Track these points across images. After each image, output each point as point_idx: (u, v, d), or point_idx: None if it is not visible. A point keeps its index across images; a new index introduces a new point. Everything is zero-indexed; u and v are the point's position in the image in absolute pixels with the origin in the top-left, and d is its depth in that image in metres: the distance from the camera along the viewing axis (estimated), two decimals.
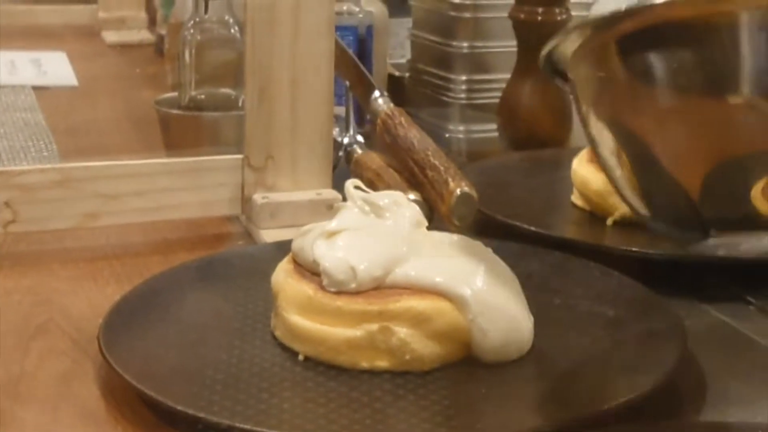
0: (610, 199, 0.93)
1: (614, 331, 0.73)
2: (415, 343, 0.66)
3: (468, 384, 0.66)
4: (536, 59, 1.11)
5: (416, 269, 0.69)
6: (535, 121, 1.12)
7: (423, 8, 1.27)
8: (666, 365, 0.66)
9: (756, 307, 0.83)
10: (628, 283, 0.79)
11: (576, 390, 0.65)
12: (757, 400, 0.69)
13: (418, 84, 1.28)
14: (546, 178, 1.05)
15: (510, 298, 0.69)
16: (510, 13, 1.12)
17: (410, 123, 0.95)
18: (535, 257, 0.83)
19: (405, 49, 1.33)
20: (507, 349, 0.68)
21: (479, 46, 1.21)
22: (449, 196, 0.86)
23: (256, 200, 0.91)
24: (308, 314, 0.68)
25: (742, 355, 0.75)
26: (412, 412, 0.62)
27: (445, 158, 0.90)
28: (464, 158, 1.15)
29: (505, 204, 0.96)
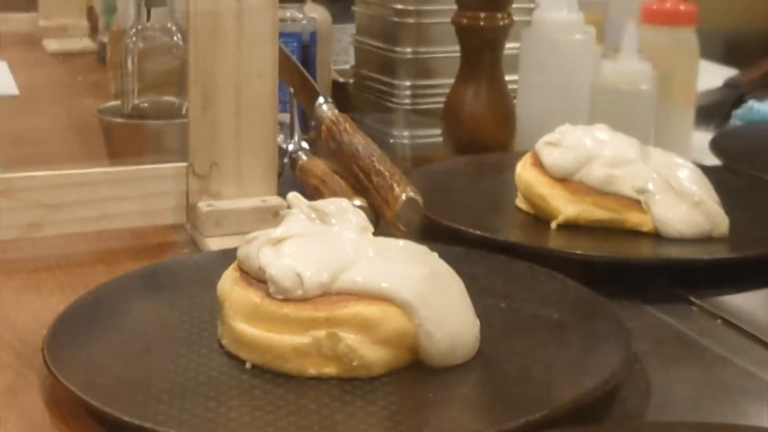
0: (553, 203, 0.94)
1: (559, 333, 0.73)
2: (363, 349, 0.66)
3: (415, 388, 0.67)
4: (479, 64, 1.12)
5: (363, 275, 0.69)
6: (479, 125, 1.13)
7: (366, 14, 1.27)
8: (610, 366, 0.66)
9: (698, 307, 0.84)
10: (573, 285, 0.79)
11: (522, 393, 0.66)
12: (699, 400, 0.70)
13: (362, 90, 1.28)
14: (490, 182, 1.05)
15: (456, 302, 0.70)
16: (452, 18, 1.12)
17: (355, 129, 0.95)
18: (481, 261, 0.83)
19: (349, 55, 1.33)
20: (453, 353, 0.68)
21: (423, 51, 1.21)
22: (395, 202, 0.86)
23: (201, 208, 0.90)
24: (255, 322, 0.68)
25: (685, 355, 0.76)
26: (360, 417, 0.62)
27: (390, 164, 0.90)
28: (409, 163, 1.15)
29: (450, 208, 0.96)
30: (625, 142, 0.96)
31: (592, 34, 1.19)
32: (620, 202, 0.93)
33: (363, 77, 1.28)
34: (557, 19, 1.16)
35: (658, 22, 1.19)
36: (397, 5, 1.21)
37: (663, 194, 0.92)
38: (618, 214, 0.93)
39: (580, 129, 0.99)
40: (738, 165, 1.12)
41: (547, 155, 0.97)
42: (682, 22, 1.20)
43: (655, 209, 0.92)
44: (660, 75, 1.15)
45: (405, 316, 0.67)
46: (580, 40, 1.17)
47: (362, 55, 1.29)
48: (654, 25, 1.19)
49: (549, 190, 0.95)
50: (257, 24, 0.90)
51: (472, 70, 1.13)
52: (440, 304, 0.68)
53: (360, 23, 1.29)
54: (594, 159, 0.95)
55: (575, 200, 0.94)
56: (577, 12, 1.17)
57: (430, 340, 0.67)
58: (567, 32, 1.16)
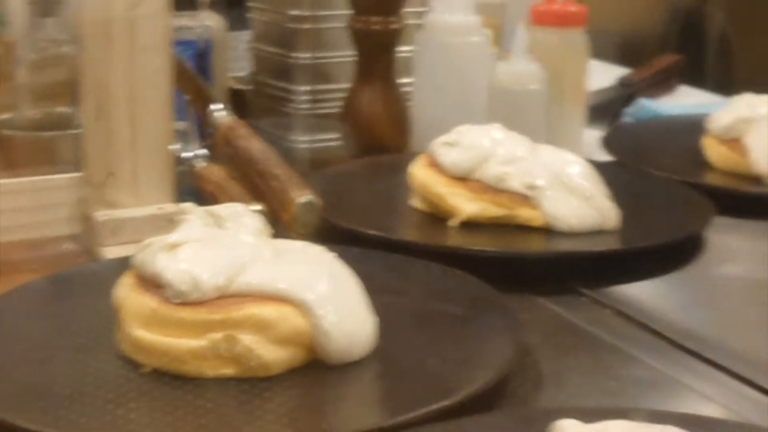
0: (451, 201, 0.96)
1: (454, 327, 0.75)
2: (260, 350, 0.67)
3: (314, 386, 0.68)
4: (374, 67, 1.14)
5: (259, 277, 0.70)
6: (376, 128, 1.14)
7: (262, 21, 1.28)
8: (503, 358, 0.68)
9: (588, 298, 0.86)
10: (468, 281, 0.81)
11: (418, 386, 0.67)
12: (590, 387, 0.72)
13: (260, 96, 1.28)
14: (387, 183, 1.07)
15: (352, 300, 0.71)
16: (348, 23, 1.14)
17: (251, 134, 0.96)
18: (378, 260, 0.85)
19: (246, 61, 1.34)
20: (350, 350, 0.69)
21: (319, 56, 1.22)
22: (292, 205, 0.87)
23: (97, 218, 0.90)
24: (152, 327, 0.68)
25: (576, 345, 0.78)
26: (258, 415, 0.63)
27: (287, 168, 0.91)
28: (308, 167, 1.16)
29: (348, 210, 0.98)
30: (516, 141, 0.99)
31: (489, 36, 1.22)
32: (513, 199, 0.95)
33: (260, 84, 1.29)
34: (452, 22, 1.18)
35: (548, 23, 1.22)
36: (292, 11, 1.22)
37: (554, 190, 0.95)
38: (511, 211, 0.95)
39: (477, 129, 1.01)
40: (628, 160, 1.15)
41: (444, 155, 0.98)
42: (572, 24, 1.23)
43: (546, 205, 0.94)
44: (551, 75, 1.18)
45: (301, 316, 0.68)
46: (475, 42, 1.19)
47: (259, 62, 1.29)
48: (543, 26, 1.22)
49: (447, 189, 0.97)
50: (150, 32, 0.91)
51: (367, 74, 1.14)
52: (336, 302, 0.69)
53: (256, 30, 1.30)
54: (490, 158, 0.97)
55: (474, 198, 0.96)
56: (473, 15, 1.19)
57: (326, 338, 0.68)
58: (462, 35, 1.18)
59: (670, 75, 1.61)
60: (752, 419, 0.67)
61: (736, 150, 1.13)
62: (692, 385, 0.72)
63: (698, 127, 1.18)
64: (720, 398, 0.70)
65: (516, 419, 0.63)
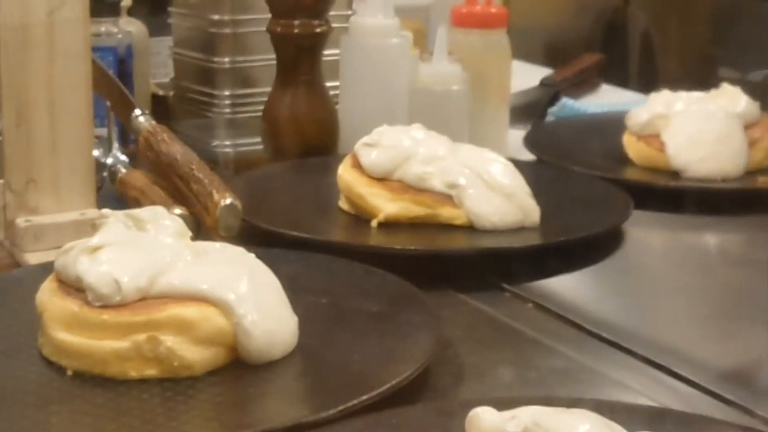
0: (372, 202, 0.97)
1: (377, 324, 0.76)
2: (183, 350, 0.68)
3: (237, 384, 0.68)
4: (296, 71, 1.14)
5: (180, 278, 0.70)
6: (300, 130, 1.14)
7: (183, 26, 1.28)
8: (423, 352, 0.69)
9: (510, 293, 0.87)
10: (391, 279, 0.82)
11: (340, 382, 0.68)
12: (511, 379, 0.74)
13: (182, 101, 1.28)
14: (314, 185, 1.07)
15: (273, 300, 0.72)
16: (267, 27, 1.14)
17: (173, 139, 0.96)
18: (301, 261, 0.85)
19: (168, 67, 1.34)
20: (272, 349, 0.70)
21: (241, 60, 1.23)
22: (214, 208, 0.87)
23: (19, 224, 0.90)
24: (74, 330, 0.69)
25: (497, 339, 0.80)
26: (181, 411, 0.64)
27: (209, 171, 0.92)
28: (231, 171, 1.16)
29: (271, 212, 0.98)
30: (437, 140, 1.00)
31: (409, 38, 1.23)
32: (434, 198, 0.96)
33: (183, 89, 1.29)
34: (373, 25, 1.19)
35: (469, 25, 1.23)
36: (213, 16, 1.22)
37: (475, 188, 0.96)
38: (433, 210, 0.96)
39: (397, 129, 1.02)
40: (550, 158, 1.17)
41: (365, 156, 0.99)
42: (493, 25, 1.24)
43: (468, 203, 0.95)
44: (473, 76, 1.19)
45: (223, 316, 0.69)
46: (396, 44, 1.20)
47: (181, 67, 1.29)
48: (465, 28, 1.23)
49: (368, 189, 0.98)
50: (69, 38, 0.90)
51: (289, 78, 1.14)
52: (257, 302, 0.70)
53: (177, 35, 1.30)
54: (411, 158, 0.98)
55: (394, 198, 0.97)
56: (393, 17, 1.20)
57: (248, 337, 0.69)
58: (383, 37, 1.19)
59: (592, 74, 1.64)
60: (667, 404, 0.69)
61: (654, 146, 1.15)
62: (609, 373, 0.74)
63: (619, 125, 1.20)
64: (636, 385, 0.72)
65: (436, 411, 0.64)
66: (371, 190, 0.98)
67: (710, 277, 0.95)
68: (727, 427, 0.63)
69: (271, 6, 1.14)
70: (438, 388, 0.71)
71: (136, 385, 0.67)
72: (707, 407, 0.69)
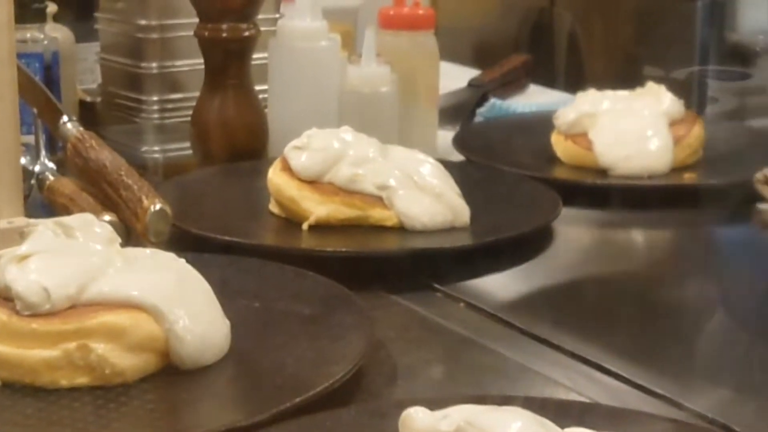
0: (303, 205, 0.97)
1: (309, 327, 0.76)
2: (114, 357, 0.68)
3: (170, 390, 0.68)
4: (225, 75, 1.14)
5: (110, 284, 0.70)
6: (229, 135, 1.14)
7: (110, 32, 1.27)
8: (355, 353, 0.70)
9: (442, 293, 0.88)
10: (323, 281, 0.82)
11: (273, 385, 0.68)
12: (443, 378, 0.74)
13: (110, 107, 1.28)
14: (244, 189, 1.07)
15: (204, 305, 0.72)
16: (195, 31, 1.14)
17: (102, 145, 0.96)
18: (232, 265, 0.85)
19: (95, 73, 1.33)
20: (204, 354, 0.70)
21: (168, 65, 1.22)
22: (144, 214, 0.87)
23: None
24: (3, 340, 0.68)
25: (429, 339, 0.80)
26: (113, 418, 0.64)
27: (139, 177, 0.91)
28: (161, 177, 1.16)
29: (201, 217, 0.98)
30: (366, 142, 1.00)
31: (338, 40, 1.23)
32: (365, 200, 0.97)
33: (111, 95, 1.28)
34: (301, 28, 1.19)
35: (397, 27, 1.24)
36: (140, 21, 1.22)
37: (405, 189, 0.96)
38: (363, 212, 0.96)
39: (327, 132, 1.02)
40: (479, 159, 1.18)
41: (294, 159, 0.99)
42: (421, 27, 1.25)
43: (398, 204, 0.96)
44: (402, 78, 1.20)
45: (154, 322, 0.69)
46: (325, 47, 1.20)
47: (108, 73, 1.28)
48: (393, 30, 1.24)
49: (298, 192, 0.98)
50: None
51: (217, 82, 1.14)
52: (188, 307, 0.70)
53: (104, 41, 1.29)
54: (341, 160, 0.98)
55: (325, 201, 0.97)
56: (321, 20, 1.20)
57: (180, 343, 0.69)
58: (310, 40, 1.19)
59: (520, 75, 1.65)
60: (597, 399, 0.70)
61: (582, 144, 1.17)
62: (540, 370, 0.75)
63: (547, 124, 1.21)
64: (566, 381, 0.73)
65: (370, 412, 0.64)
66: (301, 193, 0.98)
67: (638, 273, 0.96)
68: (656, 420, 0.64)
69: (199, 10, 1.14)
70: (371, 389, 0.71)
71: (67, 394, 0.66)
72: (636, 401, 0.71)
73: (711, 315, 0.86)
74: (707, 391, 0.73)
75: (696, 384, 0.74)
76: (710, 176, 1.15)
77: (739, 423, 0.67)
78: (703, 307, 0.87)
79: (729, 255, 1.04)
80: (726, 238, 1.09)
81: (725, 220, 1.08)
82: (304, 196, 0.98)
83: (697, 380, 0.74)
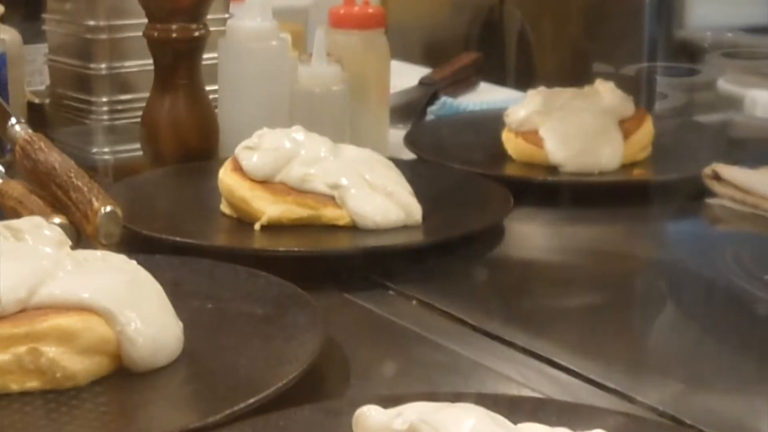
0: (255, 205, 0.97)
1: (262, 327, 0.76)
2: (65, 361, 0.67)
3: (122, 393, 0.68)
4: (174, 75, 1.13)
5: (61, 287, 0.69)
6: (180, 135, 1.14)
7: (59, 32, 1.26)
8: (309, 353, 0.70)
9: (395, 291, 0.88)
10: (276, 281, 0.82)
11: (227, 386, 0.68)
12: (396, 376, 0.74)
13: (59, 109, 1.27)
14: (195, 190, 1.07)
15: (156, 307, 0.72)
16: (144, 32, 1.13)
17: (51, 147, 0.95)
18: (184, 266, 0.85)
19: (44, 74, 1.32)
20: (156, 356, 0.70)
21: (118, 66, 1.22)
22: (94, 216, 0.86)
23: None
24: None
25: (382, 337, 0.81)
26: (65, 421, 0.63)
27: (88, 179, 0.91)
28: (111, 178, 1.15)
29: (153, 218, 0.98)
30: (318, 142, 1.00)
31: (288, 40, 1.23)
32: (317, 199, 0.97)
33: (59, 96, 1.27)
34: (251, 28, 1.19)
35: (347, 26, 1.24)
36: (89, 22, 1.21)
37: (357, 188, 0.96)
38: (316, 211, 0.96)
39: (278, 132, 1.02)
40: (430, 157, 1.18)
41: (246, 159, 0.99)
42: (371, 26, 1.25)
43: (350, 203, 0.96)
44: (353, 76, 1.20)
45: (106, 324, 0.69)
46: (275, 46, 1.20)
47: (57, 74, 1.28)
48: (343, 29, 1.24)
49: (250, 192, 0.98)
50: None
51: (167, 82, 1.14)
52: (140, 309, 0.70)
53: (53, 42, 1.28)
54: (292, 160, 0.98)
55: (277, 200, 0.97)
56: (271, 20, 1.20)
57: (132, 345, 0.69)
58: (260, 40, 1.19)
59: (470, 72, 1.65)
60: (549, 394, 0.70)
61: (533, 141, 1.17)
62: (493, 366, 0.75)
63: (497, 122, 1.22)
64: (518, 377, 0.73)
65: (324, 412, 0.64)
66: (253, 193, 0.98)
67: (589, 269, 0.97)
68: (609, 415, 0.64)
69: (148, 11, 1.13)
70: (325, 388, 0.71)
71: (17, 398, 0.66)
72: (589, 396, 0.71)
73: (661, 309, 0.87)
74: (658, 384, 0.73)
75: (647, 378, 0.74)
76: (660, 172, 1.16)
77: (689, 416, 0.68)
78: (653, 302, 0.87)
79: (678, 250, 1.05)
80: (676, 232, 1.10)
81: (675, 215, 1.09)
82: (256, 196, 0.98)
83: (647, 374, 0.75)
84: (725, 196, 1.07)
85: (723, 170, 1.08)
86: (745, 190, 1.06)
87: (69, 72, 1.25)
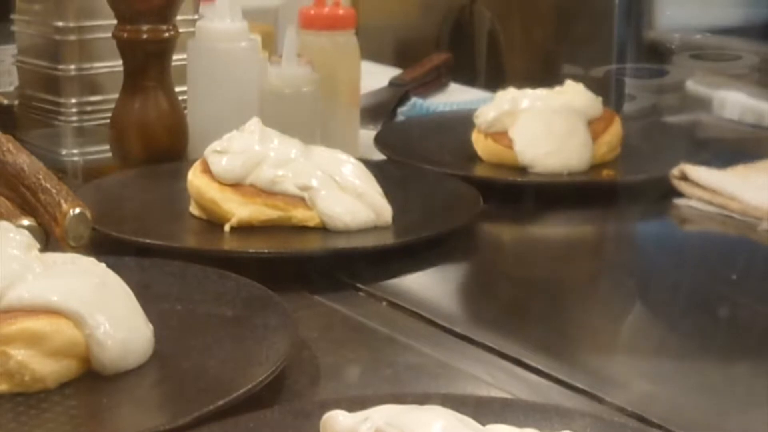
0: (225, 206, 0.97)
1: (232, 329, 0.76)
2: (34, 364, 0.67)
3: (92, 396, 0.68)
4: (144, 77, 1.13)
5: (30, 290, 0.69)
6: (149, 137, 1.13)
7: (27, 33, 1.26)
8: (278, 354, 0.70)
9: (365, 293, 0.88)
10: (245, 283, 0.82)
11: (197, 388, 0.68)
12: (367, 377, 0.75)
13: (28, 110, 1.26)
14: (164, 191, 1.07)
15: (125, 309, 0.72)
16: (113, 32, 1.13)
17: (19, 148, 0.95)
18: (153, 268, 0.85)
19: (12, 76, 1.31)
20: (125, 358, 0.70)
21: (87, 67, 1.21)
22: (63, 218, 0.86)
23: None
24: None
25: (353, 338, 0.81)
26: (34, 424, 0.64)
27: (57, 181, 0.90)
28: (80, 180, 1.15)
29: (122, 220, 0.97)
30: (288, 143, 1.00)
31: (258, 41, 1.23)
32: (287, 201, 0.97)
33: (28, 98, 1.26)
34: (221, 29, 1.18)
35: (317, 27, 1.24)
36: (58, 23, 1.20)
37: (327, 190, 0.97)
38: (286, 212, 0.97)
39: (246, 134, 1.02)
40: (400, 158, 1.18)
41: (215, 163, 0.99)
42: (341, 27, 1.25)
43: (320, 204, 0.96)
44: (323, 78, 1.20)
45: (75, 327, 0.68)
46: (244, 47, 1.20)
47: (26, 75, 1.27)
48: (314, 30, 1.24)
49: (220, 194, 0.98)
50: None
51: (137, 84, 1.13)
52: (109, 312, 0.70)
53: (21, 43, 1.27)
54: (262, 162, 0.98)
55: (246, 202, 0.97)
56: (240, 20, 1.19)
57: (101, 348, 0.69)
58: (231, 41, 1.19)
59: (440, 73, 1.66)
60: (517, 394, 0.71)
61: (502, 142, 1.18)
62: (462, 367, 0.75)
63: (467, 123, 1.22)
64: (487, 377, 0.74)
65: (293, 413, 0.64)
66: (223, 195, 0.98)
67: (557, 269, 0.98)
68: (576, 415, 0.65)
69: (117, 11, 1.13)
70: (295, 389, 0.71)
71: None
72: (557, 396, 0.72)
73: (629, 310, 0.87)
74: (625, 384, 0.74)
75: (614, 378, 0.75)
76: (628, 173, 1.17)
77: (655, 415, 0.68)
78: (621, 302, 0.88)
79: (646, 250, 1.06)
80: (644, 233, 1.11)
81: (643, 215, 1.10)
82: (226, 197, 0.98)
83: (614, 374, 0.76)
84: (693, 196, 1.08)
85: (690, 171, 1.09)
86: (713, 190, 1.07)
87: (38, 73, 1.24)
